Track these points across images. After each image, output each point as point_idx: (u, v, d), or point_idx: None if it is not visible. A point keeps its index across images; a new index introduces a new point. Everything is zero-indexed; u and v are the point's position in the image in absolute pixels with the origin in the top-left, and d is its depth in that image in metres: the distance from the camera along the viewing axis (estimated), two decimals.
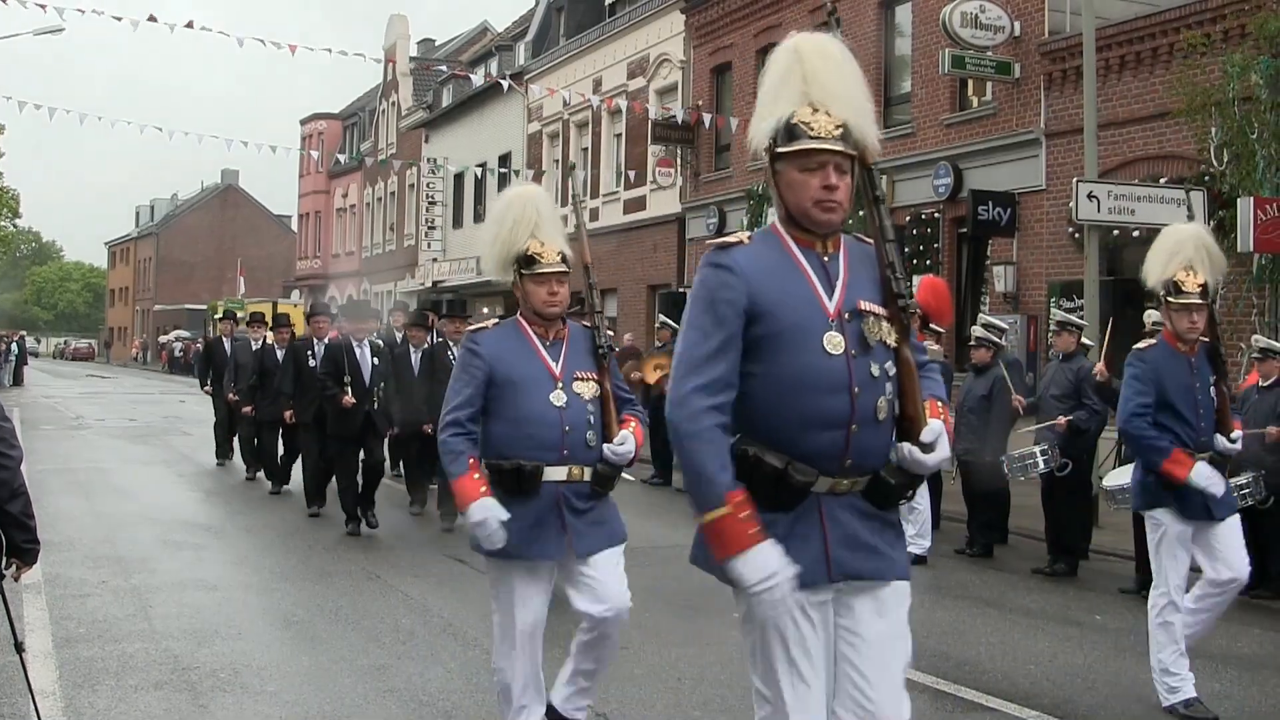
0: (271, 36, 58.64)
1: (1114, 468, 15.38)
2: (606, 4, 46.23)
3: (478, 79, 44.77)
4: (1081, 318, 17.42)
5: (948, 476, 17.83)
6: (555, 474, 7.22)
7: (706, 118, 35.34)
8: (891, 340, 4.89)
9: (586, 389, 7.38)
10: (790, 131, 4.83)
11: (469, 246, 54.74)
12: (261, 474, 22.57)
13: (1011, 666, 10.40)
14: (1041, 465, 15.21)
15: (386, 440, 18.29)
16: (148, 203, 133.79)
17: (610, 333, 21.47)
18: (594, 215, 44.83)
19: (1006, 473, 15.68)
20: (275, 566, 14.74)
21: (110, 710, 8.75)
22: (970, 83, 27.36)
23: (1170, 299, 9.22)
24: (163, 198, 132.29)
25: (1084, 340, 16.06)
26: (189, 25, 31.08)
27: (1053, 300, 24.09)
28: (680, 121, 37.06)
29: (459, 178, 56.05)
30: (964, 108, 27.88)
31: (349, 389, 17.11)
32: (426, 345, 18.93)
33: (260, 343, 23.19)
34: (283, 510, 19.37)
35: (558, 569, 7.49)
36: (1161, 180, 21.78)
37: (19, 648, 6.87)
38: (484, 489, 7.13)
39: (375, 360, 17.62)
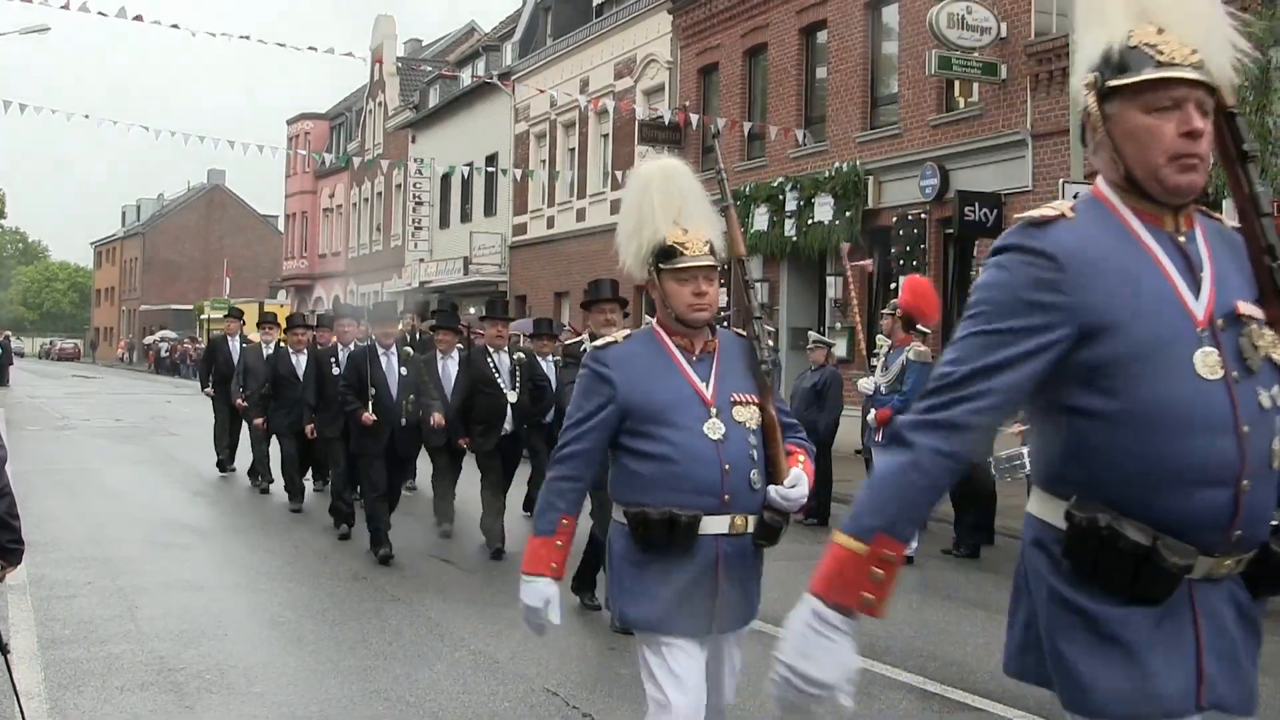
0: (259, 36, 58.65)
1: None
2: (594, 4, 46.20)
3: (465, 79, 44.73)
4: None
5: None
6: (714, 525, 5.58)
7: (694, 118, 35.32)
8: None
9: (748, 416, 5.75)
10: (1127, 58, 3.54)
11: (456, 247, 54.71)
12: (274, 486, 20.68)
13: (998, 667, 10.37)
14: (1028, 466, 15.19)
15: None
16: (134, 203, 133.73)
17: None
18: (580, 216, 44.90)
19: (994, 473, 15.71)
20: (262, 567, 14.73)
21: (96, 711, 8.74)
22: (957, 84, 27.39)
23: None
24: (149, 198, 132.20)
25: None
26: (175, 26, 31.04)
27: None
28: (667, 122, 37.06)
29: (446, 178, 55.97)
30: (950, 109, 27.90)
31: (370, 404, 15.23)
32: (458, 351, 17.24)
33: (273, 346, 21.10)
34: (269, 510, 19.35)
35: None
36: None
37: (3, 649, 6.81)
38: (555, 565, 5.74)
39: (403, 370, 15.71)
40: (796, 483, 5.69)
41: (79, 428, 35.90)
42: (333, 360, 17.55)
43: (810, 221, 30.66)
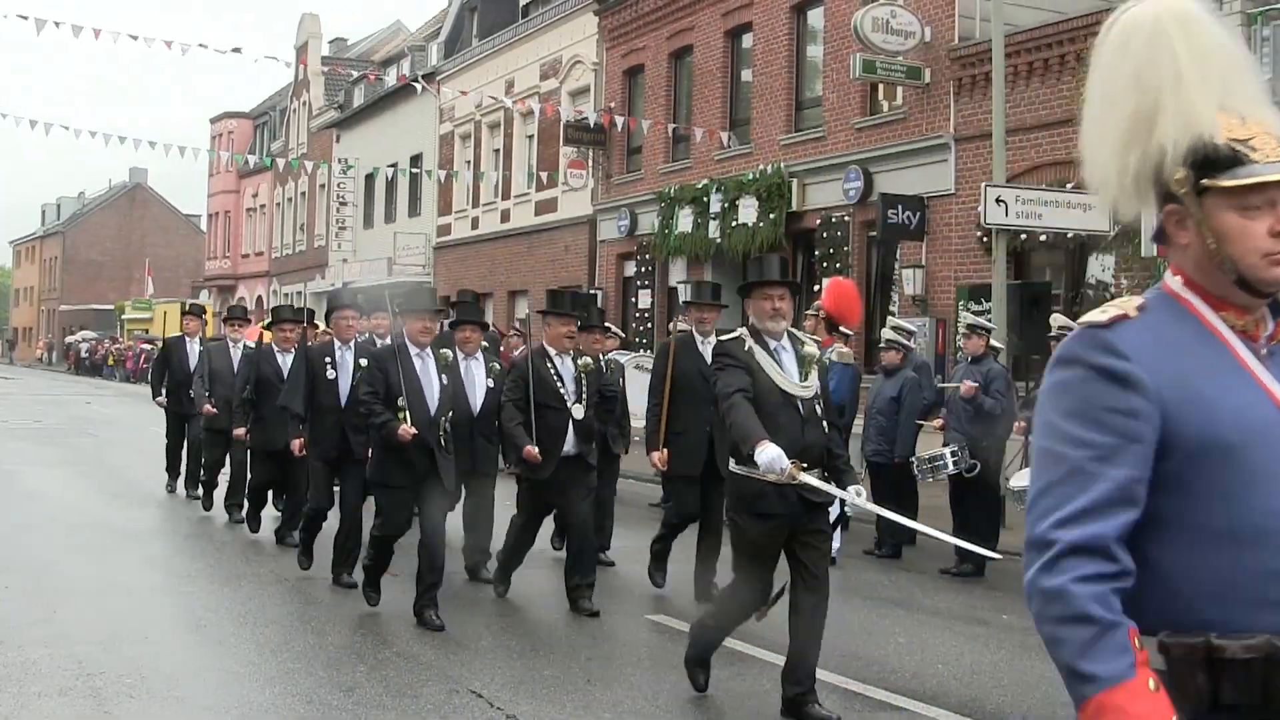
0: (181, 40, 58.34)
1: (1020, 469, 15.54)
2: (520, 5, 46.16)
3: (390, 79, 44.57)
4: (990, 321, 17.57)
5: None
6: None
7: (619, 120, 35.39)
8: None
9: None
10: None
11: (380, 247, 54.52)
12: (245, 514, 17.44)
13: (920, 666, 10.47)
14: (950, 466, 15.32)
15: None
16: (54, 201, 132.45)
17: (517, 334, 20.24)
18: (505, 217, 44.84)
19: (915, 474, 15.80)
20: (184, 569, 14.67)
21: (11, 717, 8.64)
22: (881, 87, 27.49)
23: None
24: (70, 196, 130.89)
25: (993, 343, 16.19)
26: (96, 32, 30.80)
27: (961, 303, 24.22)
28: (592, 124, 37.09)
29: (370, 178, 55.79)
30: (874, 112, 28.01)
31: (408, 415, 11.72)
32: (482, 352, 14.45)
33: (240, 346, 18.69)
34: (191, 513, 19.21)
35: None
36: (1068, 185, 21.95)
37: None
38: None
39: (444, 378, 12.11)
40: None
41: None
42: (328, 362, 14.24)
43: (734, 223, 30.71)
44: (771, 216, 29.73)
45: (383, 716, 8.90)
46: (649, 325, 34.21)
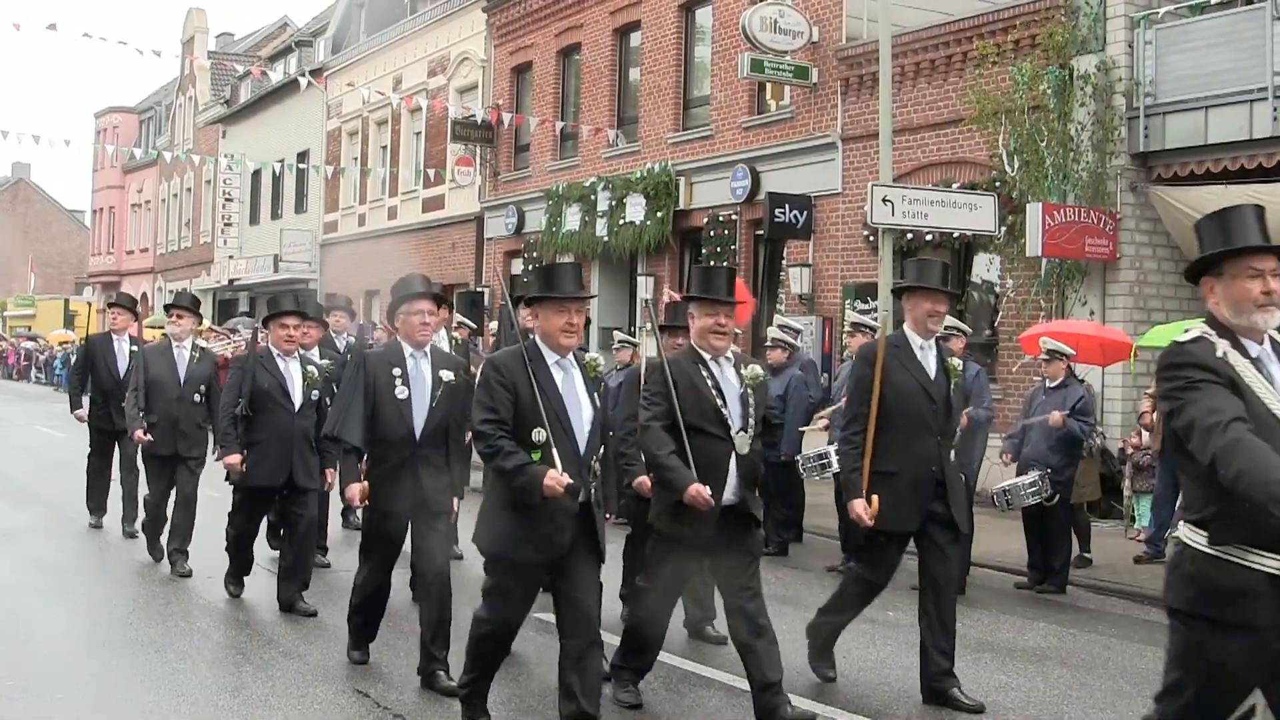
0: (64, 26, 57.62)
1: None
2: (408, 1, 45.98)
3: (277, 75, 44.25)
4: (875, 319, 17.69)
5: None
6: None
7: (506, 117, 35.36)
8: None
9: None
10: None
11: (266, 244, 54.16)
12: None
13: (806, 663, 10.52)
14: (835, 464, 15.38)
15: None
16: None
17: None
18: (392, 214, 44.68)
19: (802, 472, 15.88)
20: (67, 570, 14.49)
21: None
22: (768, 86, 27.60)
23: None
24: None
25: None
26: None
27: (848, 302, 24.40)
28: (480, 120, 37.03)
29: (256, 174, 55.47)
30: (762, 111, 28.12)
31: (555, 455, 8.33)
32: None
33: (188, 345, 14.88)
34: (74, 512, 18.94)
35: None
36: (954, 185, 22.20)
37: None
38: None
39: (594, 397, 8.53)
40: None
41: None
42: (397, 376, 10.18)
43: (622, 221, 30.75)
44: (659, 215, 29.78)
45: (269, 717, 8.86)
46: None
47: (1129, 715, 9.66)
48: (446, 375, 10.09)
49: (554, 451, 7.92)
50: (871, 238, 22.98)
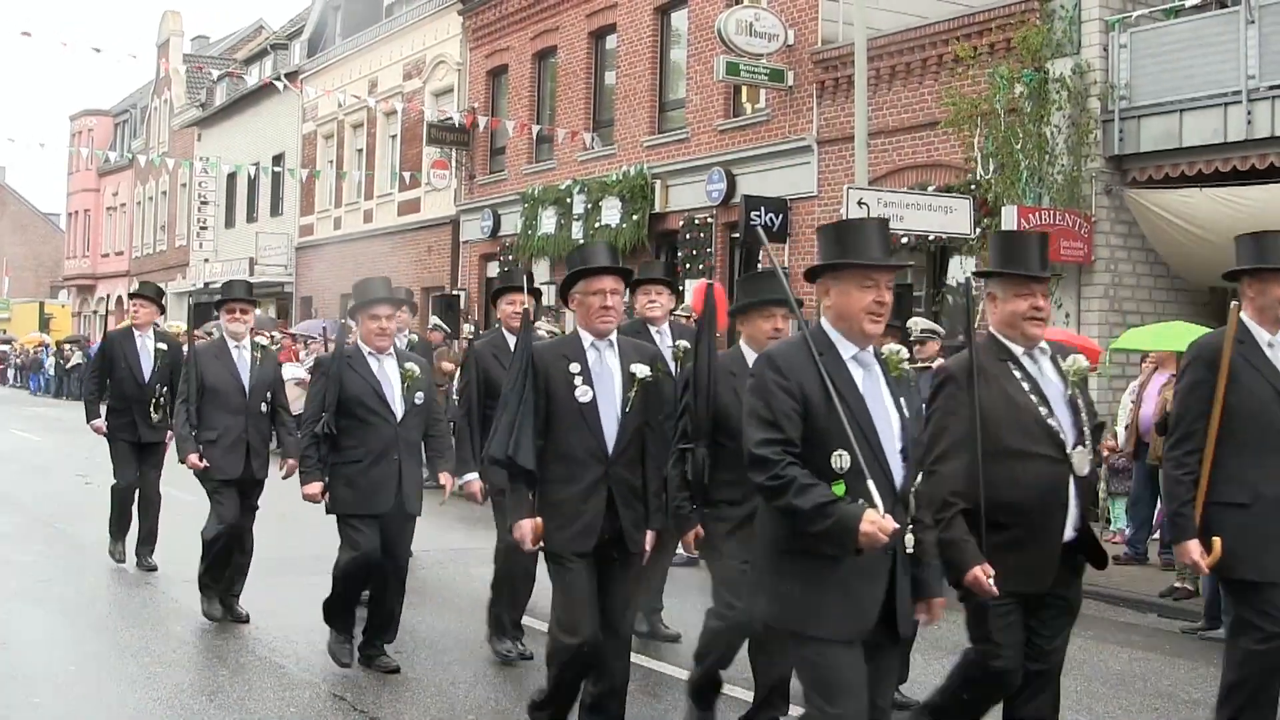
0: (40, 29, 57.44)
1: None
2: (383, 4, 45.94)
3: (252, 78, 44.23)
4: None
5: None
6: None
7: (482, 120, 35.34)
8: None
9: None
10: None
11: (241, 247, 54.09)
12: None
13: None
14: None
15: None
16: None
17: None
18: (368, 217, 44.62)
19: None
20: (41, 573, 14.43)
21: None
22: (744, 89, 27.63)
23: None
24: None
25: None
26: None
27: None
28: (456, 124, 37.01)
29: (232, 177, 55.30)
30: (738, 114, 28.14)
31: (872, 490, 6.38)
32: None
33: (247, 345, 12.37)
34: (49, 514, 18.90)
35: None
36: (930, 188, 22.23)
37: None
38: None
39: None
40: None
41: None
42: (576, 376, 8.02)
43: (598, 224, 30.73)
44: (635, 218, 29.78)
45: (246, 718, 8.86)
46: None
47: (1104, 717, 9.70)
48: (640, 370, 8.01)
49: (869, 484, 5.72)
50: None
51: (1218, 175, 19.14)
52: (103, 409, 14.98)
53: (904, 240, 21.99)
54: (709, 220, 28.19)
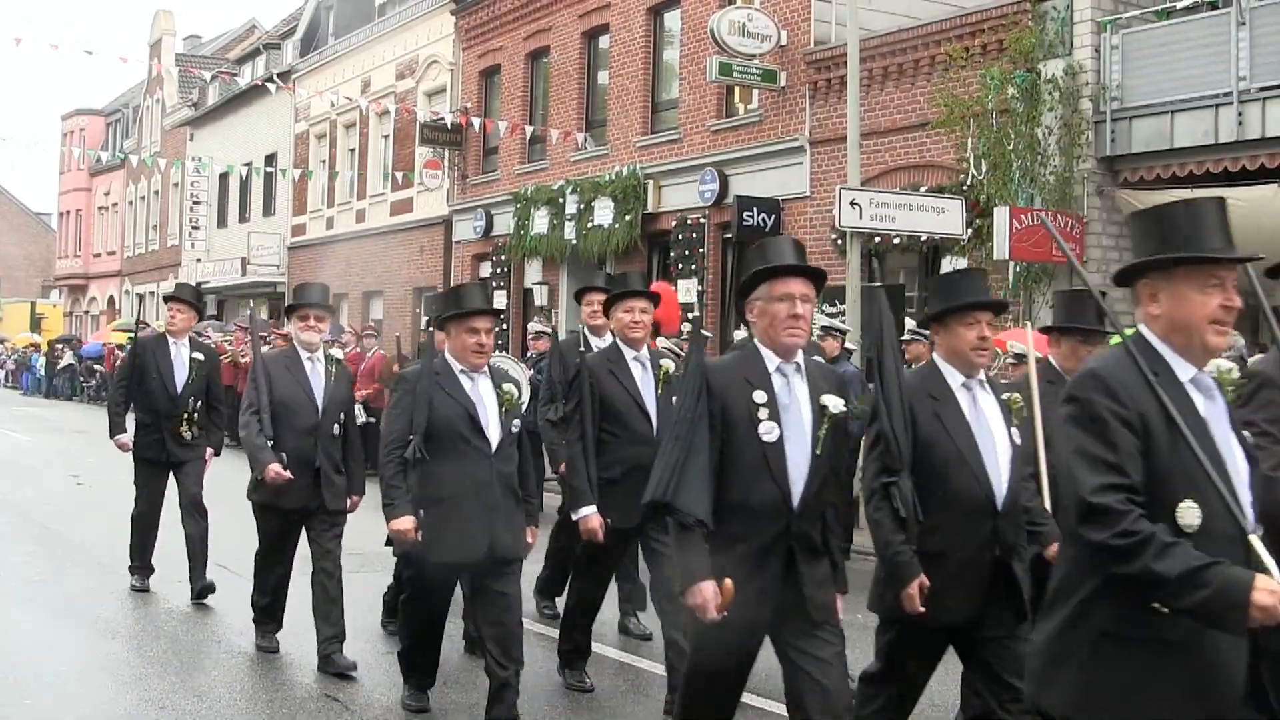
0: (31, 28, 57.37)
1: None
2: (376, 4, 45.93)
3: (244, 77, 44.20)
4: (844, 323, 17.74)
5: None
6: None
7: (475, 120, 35.34)
8: None
9: None
10: None
11: (233, 247, 54.05)
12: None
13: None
14: None
15: None
16: None
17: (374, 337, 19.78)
18: (360, 217, 44.61)
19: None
20: (32, 575, 14.38)
21: None
22: (737, 90, 27.62)
23: None
24: None
25: (847, 345, 16.33)
26: None
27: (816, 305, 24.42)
28: (448, 124, 36.98)
29: (224, 177, 55.31)
30: (730, 114, 28.14)
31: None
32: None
33: (313, 352, 10.75)
34: (42, 516, 18.87)
35: None
36: (922, 189, 22.23)
37: None
38: None
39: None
40: None
41: None
42: (760, 409, 6.58)
43: (590, 225, 30.74)
44: (627, 218, 29.78)
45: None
46: (504, 326, 34.11)
47: None
48: (833, 403, 6.56)
49: (1252, 538, 4.55)
50: (839, 241, 22.98)
51: (1209, 176, 19.16)
52: (130, 423, 13.74)
53: (895, 241, 22.03)
54: (701, 221, 28.19)
